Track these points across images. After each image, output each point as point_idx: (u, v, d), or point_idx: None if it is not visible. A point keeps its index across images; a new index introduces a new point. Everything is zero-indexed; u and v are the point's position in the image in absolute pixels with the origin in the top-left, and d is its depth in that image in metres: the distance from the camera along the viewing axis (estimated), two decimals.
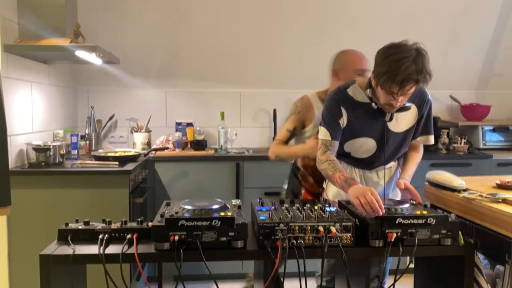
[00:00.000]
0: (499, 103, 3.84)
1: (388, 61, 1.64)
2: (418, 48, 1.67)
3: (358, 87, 1.89)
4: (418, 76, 1.60)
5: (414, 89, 1.67)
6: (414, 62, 1.61)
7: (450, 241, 1.46)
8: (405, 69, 1.59)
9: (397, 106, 1.74)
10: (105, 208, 2.42)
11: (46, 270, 1.36)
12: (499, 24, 3.58)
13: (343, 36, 3.51)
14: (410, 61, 1.60)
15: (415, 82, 1.62)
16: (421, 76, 1.61)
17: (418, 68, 1.60)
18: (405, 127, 1.90)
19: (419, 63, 1.61)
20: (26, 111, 2.64)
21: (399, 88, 1.64)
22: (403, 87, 1.63)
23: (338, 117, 1.87)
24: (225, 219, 1.39)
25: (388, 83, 1.64)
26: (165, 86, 3.63)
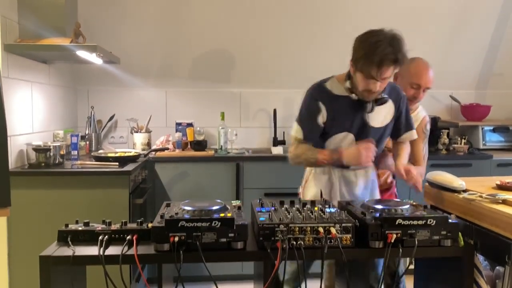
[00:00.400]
0: (499, 103, 3.83)
1: (365, 44, 1.71)
2: (394, 33, 1.73)
3: (336, 80, 1.93)
4: (394, 56, 1.66)
5: (391, 71, 1.72)
6: (390, 44, 1.67)
7: (450, 242, 1.46)
8: (382, 50, 1.65)
9: (376, 90, 1.77)
10: (105, 209, 2.42)
11: (46, 271, 1.36)
12: (499, 24, 3.58)
13: (343, 36, 3.49)
14: (386, 43, 1.67)
15: (392, 62, 1.68)
16: (399, 55, 1.67)
17: (395, 49, 1.67)
18: (384, 122, 1.94)
19: (395, 45, 1.68)
20: (26, 111, 2.64)
21: (377, 69, 1.68)
22: (381, 67, 1.68)
23: (316, 114, 1.88)
24: (225, 220, 1.39)
25: (366, 65, 1.69)
26: (165, 86, 3.63)
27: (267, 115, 3.73)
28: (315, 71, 3.65)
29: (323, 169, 1.97)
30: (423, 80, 2.11)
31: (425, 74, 2.12)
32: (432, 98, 3.85)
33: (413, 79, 2.12)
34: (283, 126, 3.73)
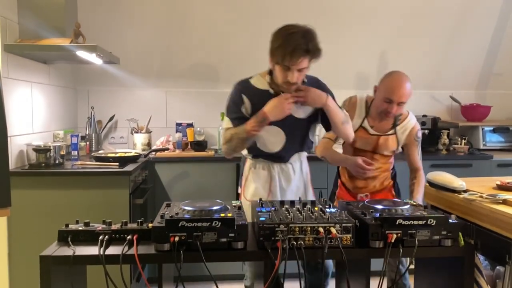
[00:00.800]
0: (499, 103, 3.84)
1: (280, 36, 1.82)
2: (309, 28, 1.85)
3: (260, 76, 2.04)
4: (306, 46, 1.77)
5: (306, 62, 1.82)
6: (303, 36, 1.79)
7: (451, 242, 1.46)
8: (295, 41, 1.77)
9: (294, 81, 1.84)
10: (105, 209, 2.42)
11: (46, 271, 1.36)
12: (499, 24, 3.58)
13: (343, 36, 3.51)
14: (300, 35, 1.78)
15: (304, 51, 1.78)
16: (310, 45, 1.78)
17: (307, 40, 1.78)
18: (307, 113, 2.03)
19: (308, 37, 1.80)
20: (26, 111, 2.64)
21: (290, 58, 1.78)
22: (293, 56, 1.77)
23: (240, 105, 1.99)
24: (225, 220, 1.38)
25: (280, 55, 1.79)
26: (165, 86, 3.63)
27: None
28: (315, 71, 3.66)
29: (262, 165, 2.08)
30: (396, 95, 2.09)
31: (397, 89, 2.09)
32: (432, 99, 3.86)
33: (386, 94, 2.12)
34: None
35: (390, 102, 2.11)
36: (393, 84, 2.11)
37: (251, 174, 2.11)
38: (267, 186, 2.07)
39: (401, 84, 2.10)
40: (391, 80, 2.14)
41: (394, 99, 2.09)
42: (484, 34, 3.62)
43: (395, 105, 2.11)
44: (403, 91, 2.09)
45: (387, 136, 2.26)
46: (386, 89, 2.12)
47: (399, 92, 2.09)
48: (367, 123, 2.27)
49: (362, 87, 3.75)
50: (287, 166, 2.09)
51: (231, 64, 3.56)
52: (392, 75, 2.17)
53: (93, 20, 3.19)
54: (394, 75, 2.15)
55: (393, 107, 2.11)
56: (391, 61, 3.66)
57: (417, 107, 3.81)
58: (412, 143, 2.28)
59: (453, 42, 3.62)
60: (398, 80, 2.12)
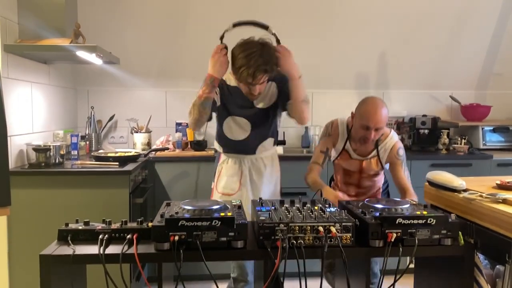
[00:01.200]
0: (499, 103, 3.84)
1: (240, 58, 1.98)
2: (263, 42, 2.02)
3: (230, 74, 2.20)
4: (265, 67, 1.97)
5: (266, 78, 2.04)
6: (261, 55, 1.96)
7: (450, 241, 1.46)
8: (255, 62, 1.95)
9: (256, 94, 2.12)
10: (105, 209, 2.42)
11: (46, 270, 1.36)
12: (499, 24, 3.58)
13: (343, 36, 3.51)
14: (258, 55, 1.96)
15: (264, 72, 1.99)
16: (269, 66, 1.98)
17: (265, 59, 1.96)
18: (270, 103, 2.23)
19: (266, 55, 1.97)
20: (26, 111, 2.64)
21: (252, 79, 1.99)
22: (255, 78, 1.98)
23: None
24: (225, 219, 1.38)
25: (243, 76, 1.99)
26: (165, 86, 3.63)
27: None
28: (315, 71, 3.67)
29: (234, 160, 2.26)
30: (371, 122, 2.08)
31: (373, 115, 2.08)
32: (432, 99, 3.86)
33: (362, 121, 2.11)
34: (283, 126, 3.71)
35: (367, 129, 2.10)
36: (368, 111, 2.10)
37: (223, 168, 2.28)
38: (237, 179, 2.24)
39: (376, 110, 2.09)
40: (366, 107, 2.13)
41: (371, 126, 2.09)
42: (484, 34, 3.63)
43: (372, 131, 2.10)
44: (378, 117, 2.08)
45: (369, 160, 2.25)
46: (361, 116, 2.12)
47: (374, 119, 2.08)
48: (349, 146, 2.27)
49: (362, 87, 3.75)
50: (257, 160, 2.27)
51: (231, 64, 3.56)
52: (366, 102, 2.16)
53: (93, 20, 3.19)
54: (368, 102, 2.14)
55: (371, 134, 2.11)
56: (391, 61, 3.67)
57: (417, 107, 3.82)
58: (395, 162, 2.21)
59: (453, 42, 3.62)
60: (373, 107, 2.10)
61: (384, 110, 2.11)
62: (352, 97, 3.75)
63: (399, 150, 2.22)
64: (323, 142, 2.31)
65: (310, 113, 2.22)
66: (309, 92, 3.70)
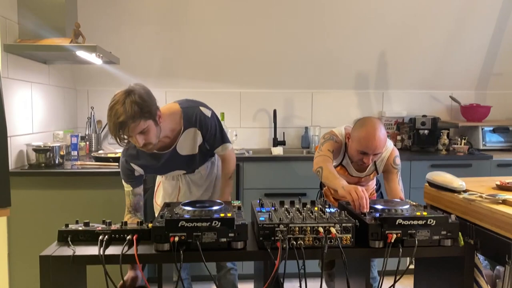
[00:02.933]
0: (499, 103, 3.84)
1: (108, 115, 1.73)
2: (128, 89, 1.72)
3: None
4: (125, 118, 1.67)
5: (141, 125, 1.71)
6: (123, 104, 1.68)
7: (450, 242, 1.46)
8: (115, 114, 1.68)
9: (140, 145, 1.78)
10: (105, 210, 2.42)
11: (46, 271, 1.36)
12: (499, 24, 3.58)
13: (343, 37, 3.51)
14: (120, 105, 1.68)
15: (131, 122, 1.69)
16: (130, 115, 1.67)
17: (127, 109, 1.67)
18: (194, 150, 1.99)
19: (129, 103, 1.67)
20: (26, 111, 2.64)
21: (123, 133, 1.73)
22: (125, 131, 1.72)
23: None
24: (225, 220, 1.39)
25: (114, 135, 1.77)
26: (165, 86, 3.63)
27: (267, 115, 3.73)
28: (315, 71, 3.67)
29: (172, 176, 2.12)
30: (370, 148, 1.94)
31: (371, 142, 1.94)
32: (432, 99, 3.86)
33: (359, 147, 1.97)
34: (283, 127, 3.74)
35: (365, 154, 1.98)
36: (366, 137, 1.95)
37: (162, 183, 2.20)
38: (175, 194, 2.15)
39: (374, 136, 1.94)
40: (363, 133, 1.96)
41: (369, 152, 1.96)
42: (484, 34, 3.62)
43: (370, 156, 1.98)
44: (377, 143, 1.94)
45: (368, 176, 2.18)
46: (359, 142, 1.97)
47: (373, 145, 1.94)
48: (348, 162, 2.15)
49: (362, 87, 3.75)
50: (195, 175, 2.12)
51: (230, 64, 3.57)
52: (364, 125, 1.99)
53: (93, 20, 3.19)
54: (366, 127, 1.97)
55: (369, 159, 1.99)
56: (391, 61, 3.67)
57: (417, 107, 3.82)
58: (390, 170, 2.12)
59: (453, 42, 3.62)
60: (371, 133, 1.94)
61: (382, 133, 1.97)
62: (352, 97, 3.76)
63: (396, 159, 2.12)
64: (330, 143, 2.11)
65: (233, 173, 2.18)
66: (309, 92, 3.74)
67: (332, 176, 1.92)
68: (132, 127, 1.70)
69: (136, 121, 1.69)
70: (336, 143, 2.11)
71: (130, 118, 1.68)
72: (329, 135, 2.15)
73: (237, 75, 3.64)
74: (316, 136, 3.62)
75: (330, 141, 2.12)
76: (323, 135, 2.19)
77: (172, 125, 1.90)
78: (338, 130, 2.17)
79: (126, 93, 1.71)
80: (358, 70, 3.71)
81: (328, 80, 3.72)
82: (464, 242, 1.49)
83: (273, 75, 3.65)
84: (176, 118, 1.92)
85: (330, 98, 3.75)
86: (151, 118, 1.74)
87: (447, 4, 3.45)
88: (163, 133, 1.86)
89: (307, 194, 3.00)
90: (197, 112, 1.94)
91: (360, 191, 1.63)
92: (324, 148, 2.09)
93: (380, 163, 2.13)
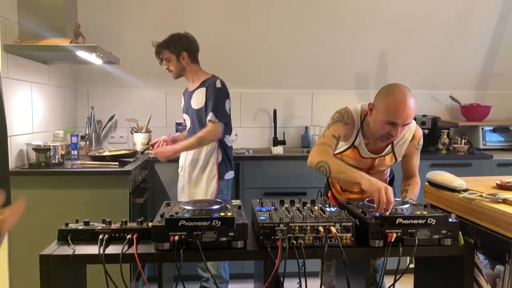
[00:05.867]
0: (499, 103, 3.84)
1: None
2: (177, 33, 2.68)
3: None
4: (158, 44, 2.68)
5: (166, 54, 2.62)
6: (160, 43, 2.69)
7: (450, 241, 1.46)
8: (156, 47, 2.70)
9: (165, 68, 2.68)
10: (105, 208, 2.42)
11: (46, 270, 1.36)
12: (499, 24, 3.58)
13: (343, 37, 3.51)
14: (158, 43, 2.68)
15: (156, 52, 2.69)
16: (160, 44, 2.66)
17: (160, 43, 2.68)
18: (200, 104, 2.55)
19: (166, 38, 2.68)
20: (26, 111, 2.64)
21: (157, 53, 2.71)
22: (157, 56, 2.70)
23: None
24: (225, 219, 1.38)
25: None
26: (165, 86, 3.63)
27: (267, 115, 3.73)
28: (315, 71, 3.67)
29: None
30: (401, 117, 1.74)
31: (402, 109, 1.73)
32: (432, 98, 3.86)
33: (388, 117, 1.75)
34: (283, 126, 3.74)
35: (394, 125, 1.76)
36: (396, 104, 1.73)
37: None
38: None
39: (405, 103, 1.73)
40: (393, 100, 1.75)
41: (399, 122, 1.75)
42: (484, 35, 3.63)
43: (399, 127, 1.76)
44: (408, 111, 1.74)
45: (383, 157, 1.97)
46: (388, 110, 1.74)
47: (404, 114, 1.73)
48: (361, 142, 1.93)
49: (362, 87, 3.75)
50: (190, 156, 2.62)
51: (230, 64, 3.56)
52: (392, 92, 1.78)
53: (93, 20, 3.19)
54: (396, 93, 1.76)
55: (397, 130, 1.77)
56: (391, 61, 3.67)
57: (417, 106, 3.79)
58: (413, 152, 1.99)
59: (453, 42, 3.62)
60: (402, 99, 1.74)
61: (413, 100, 1.77)
62: (352, 97, 3.76)
63: (420, 140, 1.97)
64: (337, 127, 1.89)
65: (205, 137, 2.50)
66: (309, 92, 3.74)
67: (347, 168, 1.74)
68: (161, 55, 2.64)
69: (161, 51, 2.62)
70: (346, 125, 1.90)
71: (159, 46, 2.64)
72: (339, 115, 1.93)
73: (237, 75, 3.63)
74: (316, 136, 3.62)
75: (338, 124, 1.90)
76: (333, 115, 1.96)
77: (200, 78, 2.64)
78: (353, 106, 1.95)
79: (173, 34, 2.64)
80: (358, 70, 3.71)
81: (328, 80, 3.72)
82: (464, 241, 1.49)
83: (273, 75, 3.65)
84: (204, 77, 2.64)
85: (330, 98, 3.75)
86: (174, 53, 2.59)
87: (447, 4, 3.45)
88: (191, 76, 2.67)
89: (307, 193, 3.00)
90: (213, 80, 2.57)
91: (391, 194, 1.51)
92: (328, 134, 1.89)
93: (401, 146, 1.95)
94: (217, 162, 2.55)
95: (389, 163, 2.00)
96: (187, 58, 2.59)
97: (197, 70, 2.66)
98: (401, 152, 1.97)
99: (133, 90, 3.60)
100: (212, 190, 2.53)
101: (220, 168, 2.55)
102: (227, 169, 2.60)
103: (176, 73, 2.64)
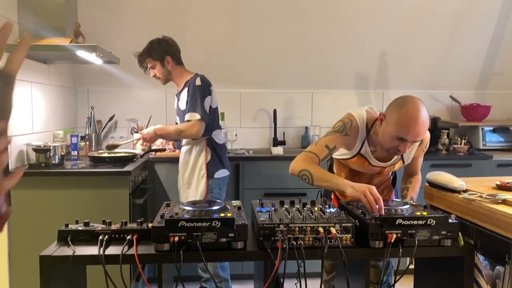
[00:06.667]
0: (499, 103, 3.84)
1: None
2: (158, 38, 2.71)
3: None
4: (140, 52, 2.70)
5: (149, 63, 2.65)
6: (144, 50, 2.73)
7: (450, 242, 1.46)
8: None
9: (151, 75, 2.72)
10: (105, 209, 2.42)
11: (46, 271, 1.36)
12: (499, 24, 3.58)
13: (343, 36, 3.51)
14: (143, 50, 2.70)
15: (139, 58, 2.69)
16: (141, 52, 2.69)
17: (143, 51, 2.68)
18: (183, 106, 2.60)
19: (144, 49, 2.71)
20: (26, 111, 2.64)
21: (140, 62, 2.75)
22: (140, 65, 2.74)
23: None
24: (225, 220, 1.38)
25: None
26: (165, 86, 3.61)
27: (267, 115, 3.73)
28: (315, 71, 3.66)
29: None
30: (411, 134, 1.66)
31: (414, 126, 1.64)
32: (432, 98, 3.86)
33: (398, 132, 1.67)
34: (283, 126, 3.74)
35: (403, 140, 1.68)
36: (406, 121, 1.65)
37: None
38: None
39: (416, 120, 1.64)
40: (405, 115, 1.66)
41: (409, 139, 1.67)
42: (484, 34, 3.62)
43: (408, 143, 1.69)
44: (420, 128, 1.65)
45: (392, 165, 1.93)
46: (399, 125, 1.66)
47: (415, 131, 1.65)
48: (368, 151, 1.87)
49: (362, 87, 3.75)
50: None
51: (230, 64, 3.56)
52: (407, 107, 1.67)
53: (93, 20, 3.19)
54: (409, 108, 1.67)
55: (406, 146, 1.69)
56: (391, 61, 3.67)
57: None
58: (419, 154, 1.97)
59: (453, 42, 3.62)
60: (414, 115, 1.65)
61: (426, 116, 1.68)
62: (352, 97, 3.76)
63: (427, 144, 1.94)
64: (335, 138, 1.82)
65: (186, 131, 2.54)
66: (309, 92, 3.74)
67: (330, 176, 1.73)
68: (145, 64, 2.65)
69: (144, 59, 2.63)
70: (346, 137, 1.83)
71: (141, 55, 2.64)
72: (341, 124, 1.85)
73: (237, 75, 3.64)
74: (316, 136, 3.62)
75: (337, 135, 1.83)
76: (335, 123, 1.89)
77: (185, 78, 2.64)
78: (359, 113, 1.87)
79: (152, 40, 2.64)
80: (358, 70, 3.71)
81: (328, 80, 3.72)
82: (464, 242, 1.49)
83: (273, 75, 3.65)
84: (189, 77, 2.64)
85: (330, 98, 3.75)
86: (157, 60, 2.59)
87: (447, 4, 3.45)
88: (177, 79, 2.67)
89: (307, 194, 3.00)
90: (193, 79, 2.58)
91: (375, 191, 1.51)
92: (321, 143, 1.83)
93: (410, 152, 1.88)
94: (206, 161, 2.55)
95: (396, 168, 2.00)
96: (171, 62, 2.61)
97: (182, 71, 2.67)
98: (410, 157, 1.94)
99: (133, 90, 3.60)
100: (201, 190, 2.54)
101: (209, 166, 2.55)
102: (218, 167, 2.59)
103: (163, 79, 2.67)
